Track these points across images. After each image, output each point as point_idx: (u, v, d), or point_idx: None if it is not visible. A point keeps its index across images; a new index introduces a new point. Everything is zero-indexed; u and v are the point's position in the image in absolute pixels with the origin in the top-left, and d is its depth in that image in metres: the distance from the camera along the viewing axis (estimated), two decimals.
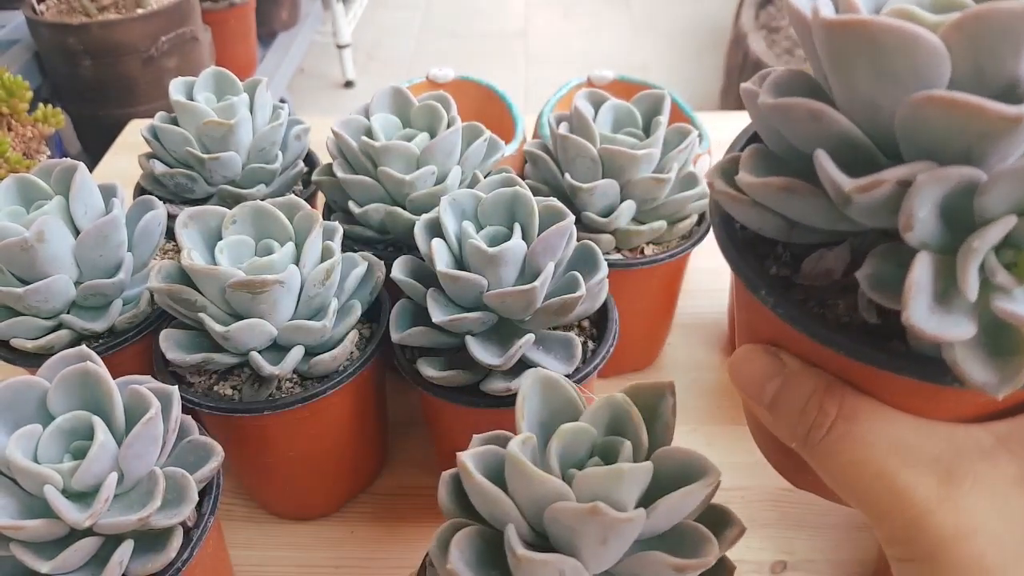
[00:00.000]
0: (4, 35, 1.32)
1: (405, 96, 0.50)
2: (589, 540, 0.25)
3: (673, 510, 0.27)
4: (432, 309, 0.39)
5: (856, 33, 0.19)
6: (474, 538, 0.28)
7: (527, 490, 0.26)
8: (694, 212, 0.51)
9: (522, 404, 0.29)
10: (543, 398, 0.30)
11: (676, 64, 2.42)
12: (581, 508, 0.25)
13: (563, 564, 0.25)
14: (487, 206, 0.40)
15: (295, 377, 0.42)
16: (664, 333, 0.60)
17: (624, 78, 0.68)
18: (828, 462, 0.23)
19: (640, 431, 0.28)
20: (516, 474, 0.26)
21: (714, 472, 0.27)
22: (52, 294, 0.42)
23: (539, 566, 0.25)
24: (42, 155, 0.90)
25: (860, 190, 0.19)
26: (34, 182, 0.44)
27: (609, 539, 0.25)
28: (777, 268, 0.25)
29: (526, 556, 0.25)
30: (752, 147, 0.24)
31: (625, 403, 0.29)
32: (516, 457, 0.26)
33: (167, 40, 1.29)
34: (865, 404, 0.23)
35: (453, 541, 0.27)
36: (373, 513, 0.50)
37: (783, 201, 0.22)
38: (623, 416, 0.29)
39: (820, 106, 0.20)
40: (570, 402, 0.30)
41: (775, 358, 0.25)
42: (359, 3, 2.49)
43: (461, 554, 0.27)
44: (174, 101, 0.52)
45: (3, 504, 0.31)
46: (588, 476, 0.26)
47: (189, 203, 0.54)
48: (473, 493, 0.28)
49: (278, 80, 1.92)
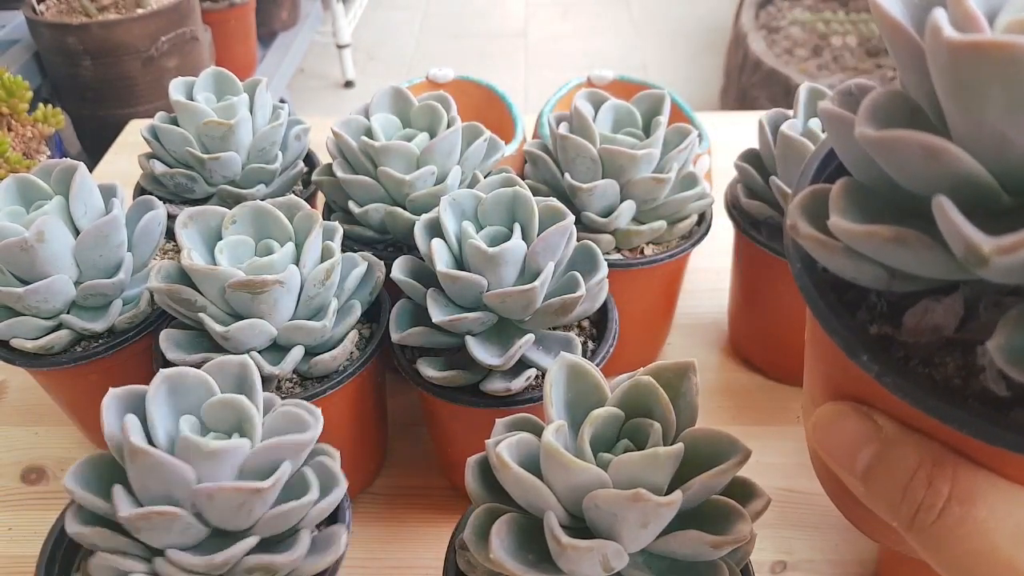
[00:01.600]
0: (4, 35, 1.32)
1: (405, 96, 0.50)
2: (630, 524, 0.26)
3: (706, 489, 0.27)
4: (432, 309, 0.39)
5: (991, 57, 0.16)
6: (512, 524, 0.28)
7: (565, 478, 0.27)
8: (694, 212, 0.51)
9: (550, 391, 0.30)
10: (569, 383, 0.31)
11: (676, 64, 2.42)
12: (623, 495, 0.25)
13: (606, 548, 0.26)
14: (487, 206, 0.40)
15: (295, 377, 0.42)
16: (664, 333, 0.60)
17: (624, 78, 0.68)
18: (941, 550, 0.20)
19: (668, 412, 0.29)
20: (554, 463, 0.27)
21: (744, 450, 0.27)
22: (52, 294, 0.42)
23: (584, 552, 0.26)
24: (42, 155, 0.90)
25: (1003, 251, 0.16)
26: (34, 182, 0.44)
27: (650, 523, 0.26)
28: (876, 324, 0.22)
29: (571, 544, 0.26)
30: (843, 183, 0.21)
31: (651, 385, 0.29)
32: (553, 447, 0.26)
33: (167, 40, 1.29)
34: (983, 481, 0.20)
35: (493, 530, 0.27)
36: (373, 513, 0.50)
37: (889, 252, 0.19)
38: (650, 397, 0.29)
39: (939, 143, 0.17)
40: (596, 387, 0.31)
41: (869, 421, 0.22)
42: (359, 3, 2.49)
43: (502, 542, 0.27)
44: (174, 101, 0.52)
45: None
46: (624, 462, 0.27)
47: (189, 203, 0.54)
48: (509, 483, 0.28)
49: (278, 80, 1.92)
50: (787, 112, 0.51)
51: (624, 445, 0.29)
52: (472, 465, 0.31)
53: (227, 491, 0.28)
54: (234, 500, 0.28)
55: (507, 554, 0.27)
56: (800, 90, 0.51)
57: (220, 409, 0.31)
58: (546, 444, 0.27)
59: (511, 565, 0.27)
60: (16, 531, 0.49)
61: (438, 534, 0.45)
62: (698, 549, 0.27)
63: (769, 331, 0.57)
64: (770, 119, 0.51)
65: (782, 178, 0.49)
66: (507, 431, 0.30)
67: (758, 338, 0.58)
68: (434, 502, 0.50)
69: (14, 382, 0.59)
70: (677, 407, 0.29)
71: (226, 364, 0.33)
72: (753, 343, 0.59)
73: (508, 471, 0.27)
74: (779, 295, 0.53)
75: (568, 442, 0.29)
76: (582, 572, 0.27)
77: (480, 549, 0.28)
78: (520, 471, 0.27)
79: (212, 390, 0.31)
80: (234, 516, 0.29)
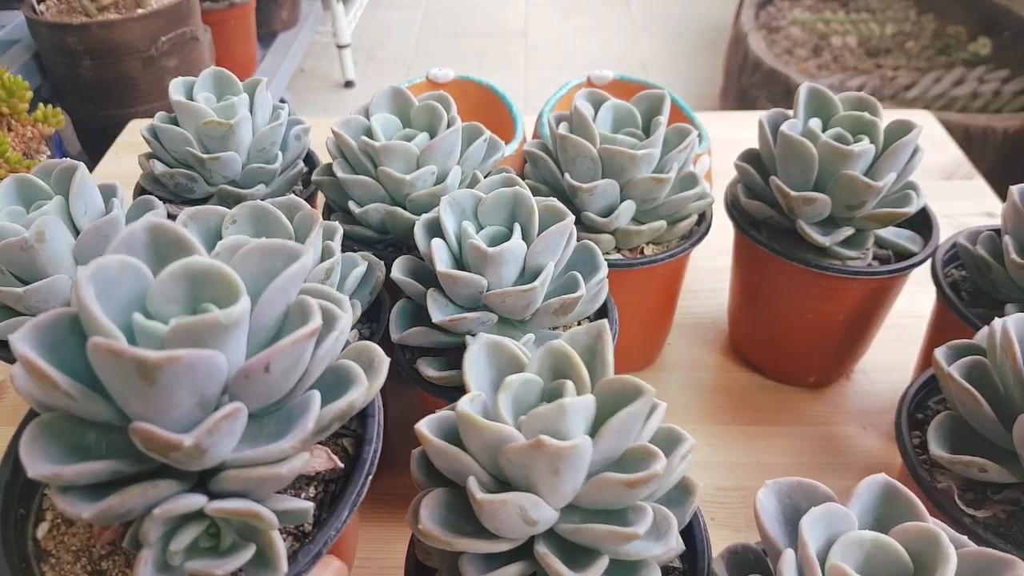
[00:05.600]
0: (4, 35, 1.32)
1: (405, 96, 0.50)
2: (541, 473, 0.27)
3: (619, 434, 0.28)
4: (432, 309, 0.39)
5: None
6: (441, 497, 0.30)
7: (480, 440, 0.28)
8: (694, 212, 0.51)
9: (470, 366, 0.31)
10: (489, 359, 0.32)
11: (676, 64, 2.42)
12: (527, 444, 0.26)
13: (522, 500, 0.27)
14: (487, 206, 0.40)
15: None
16: (664, 333, 0.60)
17: (624, 78, 0.68)
18: None
19: (580, 370, 0.30)
20: (468, 427, 0.28)
21: (648, 391, 0.28)
22: (52, 294, 0.42)
23: (499, 506, 0.27)
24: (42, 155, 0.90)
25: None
26: (34, 182, 0.44)
27: (560, 469, 0.27)
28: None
29: (485, 499, 0.27)
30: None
31: (563, 348, 0.31)
32: (465, 412, 0.28)
33: (167, 40, 1.28)
34: None
35: (422, 503, 0.29)
36: (373, 513, 0.50)
37: None
38: (563, 361, 0.31)
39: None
40: (514, 358, 0.32)
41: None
42: (359, 3, 2.49)
43: (431, 514, 0.29)
44: (174, 101, 0.52)
45: None
46: (533, 416, 0.28)
47: (189, 203, 0.54)
48: (434, 455, 0.29)
49: (278, 80, 1.92)
50: (787, 112, 0.51)
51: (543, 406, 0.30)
52: (416, 455, 0.32)
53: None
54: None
55: (435, 524, 0.28)
56: (800, 90, 0.51)
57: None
58: (460, 411, 0.28)
59: (438, 532, 0.28)
60: None
61: None
62: (616, 492, 0.28)
63: (769, 331, 0.57)
64: (770, 119, 0.51)
65: (782, 178, 0.49)
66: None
67: (758, 338, 0.58)
68: None
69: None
70: (592, 367, 0.31)
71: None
72: (753, 343, 0.59)
73: (430, 445, 0.28)
74: (779, 295, 0.53)
75: (488, 411, 0.30)
76: (505, 528, 0.28)
77: (414, 525, 0.29)
78: (440, 442, 0.28)
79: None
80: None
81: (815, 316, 0.53)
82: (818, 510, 0.28)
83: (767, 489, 0.29)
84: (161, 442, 0.23)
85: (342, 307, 0.28)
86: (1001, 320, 0.36)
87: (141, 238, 0.26)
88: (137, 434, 0.23)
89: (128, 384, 0.23)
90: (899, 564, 0.27)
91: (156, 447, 0.23)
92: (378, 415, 0.31)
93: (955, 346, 0.39)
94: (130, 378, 0.22)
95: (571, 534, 0.28)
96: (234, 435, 0.25)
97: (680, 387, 0.58)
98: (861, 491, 0.29)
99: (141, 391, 0.23)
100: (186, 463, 0.24)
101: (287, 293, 0.26)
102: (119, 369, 0.22)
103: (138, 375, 0.22)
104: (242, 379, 0.24)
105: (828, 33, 1.96)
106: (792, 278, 0.51)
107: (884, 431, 0.54)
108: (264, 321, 0.26)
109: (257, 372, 0.24)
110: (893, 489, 0.30)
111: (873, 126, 0.48)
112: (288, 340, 0.24)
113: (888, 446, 0.53)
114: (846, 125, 0.49)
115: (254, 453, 0.25)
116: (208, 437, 0.23)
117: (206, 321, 0.23)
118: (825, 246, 0.49)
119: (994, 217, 0.74)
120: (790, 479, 0.30)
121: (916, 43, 1.87)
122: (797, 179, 0.48)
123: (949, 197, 0.76)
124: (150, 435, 0.23)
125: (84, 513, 0.24)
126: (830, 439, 0.54)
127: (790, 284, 0.52)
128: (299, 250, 0.27)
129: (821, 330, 0.53)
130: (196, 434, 0.23)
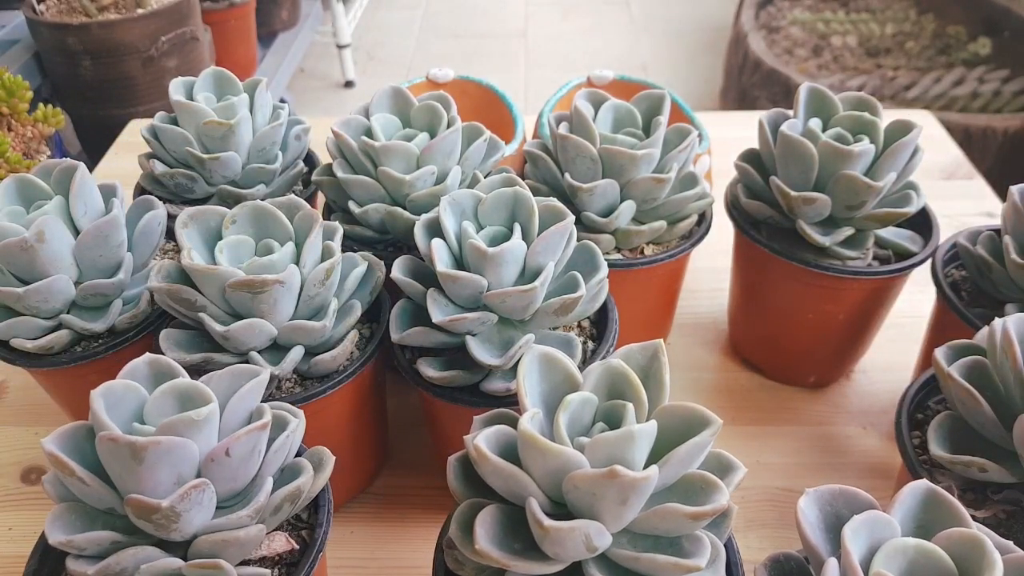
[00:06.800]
0: (4, 35, 1.32)
1: (405, 96, 0.50)
2: (609, 502, 0.26)
3: (682, 462, 0.28)
4: (432, 309, 0.39)
5: None
6: (495, 515, 0.29)
7: (543, 463, 0.27)
8: (694, 212, 0.51)
9: (523, 380, 0.30)
10: (542, 373, 0.31)
11: (676, 64, 2.42)
12: (599, 473, 0.26)
13: (588, 528, 0.26)
14: (487, 206, 0.40)
15: (295, 377, 0.42)
16: (664, 333, 0.60)
17: (624, 78, 0.68)
18: None
19: (639, 392, 0.30)
20: (531, 449, 0.27)
21: (716, 422, 0.28)
22: (52, 294, 0.42)
23: (566, 533, 0.26)
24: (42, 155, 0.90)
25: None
26: (34, 182, 0.44)
27: (629, 499, 0.26)
28: None
29: (553, 526, 0.26)
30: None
31: (621, 367, 0.30)
32: (529, 433, 0.27)
33: (167, 40, 1.28)
34: None
35: (477, 521, 0.28)
36: (373, 513, 0.50)
37: None
38: (621, 380, 0.30)
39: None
40: (569, 375, 0.31)
41: None
42: (359, 3, 2.49)
43: (486, 532, 0.28)
44: (174, 101, 0.52)
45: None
46: (600, 442, 0.27)
47: (189, 203, 0.54)
48: (489, 474, 0.28)
49: (278, 80, 1.92)
50: (787, 112, 0.51)
51: (600, 428, 0.30)
52: (453, 464, 0.31)
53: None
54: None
55: (492, 544, 0.28)
56: (800, 90, 0.51)
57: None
58: (522, 431, 0.27)
59: (497, 554, 0.27)
60: (16, 531, 0.49)
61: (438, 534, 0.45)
62: (678, 523, 0.28)
63: (769, 331, 0.57)
64: (770, 119, 0.51)
65: (782, 178, 0.49)
66: (484, 426, 0.31)
67: (758, 338, 0.58)
68: (434, 502, 0.50)
69: (14, 382, 0.59)
70: (648, 387, 0.30)
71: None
72: (753, 343, 0.59)
73: (487, 462, 0.28)
74: (779, 295, 0.53)
75: (545, 429, 0.29)
76: (567, 554, 0.27)
77: (466, 543, 0.28)
78: (499, 460, 0.27)
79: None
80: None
81: (815, 316, 0.53)
82: (860, 517, 0.27)
83: (808, 497, 0.29)
84: (145, 507, 0.29)
85: (295, 415, 0.35)
86: (1001, 320, 0.36)
87: (143, 370, 0.33)
88: (129, 504, 0.29)
89: (123, 465, 0.29)
90: (944, 571, 0.27)
91: (142, 512, 0.29)
92: (328, 505, 0.36)
93: (955, 346, 0.39)
94: (124, 459, 0.29)
95: (628, 561, 0.28)
96: (203, 507, 0.30)
97: (680, 387, 0.58)
98: (904, 497, 0.29)
99: (132, 469, 0.29)
100: (165, 526, 0.30)
101: (248, 400, 0.33)
102: (116, 453, 0.29)
103: (130, 455, 0.29)
104: (209, 463, 0.31)
105: (828, 33, 1.96)
106: (792, 278, 0.51)
107: (884, 431, 0.54)
108: (231, 422, 0.32)
109: (220, 456, 0.31)
110: (935, 495, 0.29)
111: (873, 126, 0.48)
112: (243, 430, 0.31)
113: (888, 446, 0.53)
114: (846, 125, 0.49)
115: (219, 522, 0.31)
116: (181, 502, 0.29)
117: (183, 419, 0.30)
118: (825, 246, 0.49)
119: (994, 217, 0.74)
120: (831, 486, 0.29)
121: (916, 43, 1.87)
122: (797, 179, 0.48)
123: (949, 197, 0.76)
124: (138, 502, 0.29)
125: (89, 571, 0.30)
126: (830, 439, 0.54)
127: (790, 284, 0.52)
128: (258, 371, 0.34)
129: (821, 330, 0.53)
130: (171, 499, 0.29)
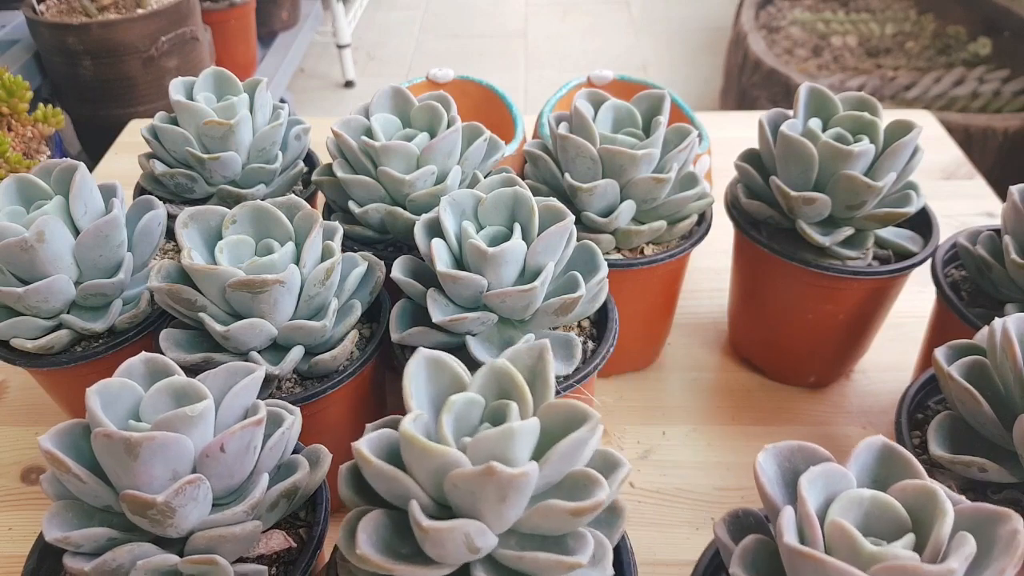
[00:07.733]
0: (4, 35, 1.32)
1: (405, 96, 0.50)
2: (489, 501, 0.26)
3: (564, 459, 0.27)
4: (432, 309, 0.39)
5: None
6: (379, 520, 0.29)
7: (424, 464, 0.27)
8: (694, 212, 0.51)
9: (409, 383, 0.30)
10: (429, 376, 0.31)
11: (676, 64, 2.42)
12: (477, 471, 0.25)
13: (467, 527, 0.26)
14: (487, 206, 0.40)
15: (295, 377, 0.42)
16: (664, 333, 0.60)
17: (624, 78, 0.68)
18: None
19: (524, 391, 0.29)
20: (412, 450, 0.27)
21: (594, 417, 0.28)
22: (52, 294, 0.42)
23: (445, 534, 0.26)
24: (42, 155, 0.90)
25: None
26: (34, 182, 0.44)
27: (508, 496, 0.26)
28: None
29: (432, 527, 0.26)
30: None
31: (506, 367, 0.30)
32: (410, 433, 0.27)
33: (167, 40, 1.28)
34: None
35: (360, 526, 0.28)
36: None
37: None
38: (506, 381, 0.30)
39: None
40: (456, 377, 0.31)
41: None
42: (359, 3, 2.49)
43: (368, 537, 0.28)
44: (174, 101, 0.52)
45: None
46: (480, 440, 0.27)
47: (189, 203, 0.54)
48: (373, 477, 0.28)
49: (278, 80, 1.91)
50: (787, 112, 0.51)
51: (485, 428, 0.29)
52: (343, 472, 0.31)
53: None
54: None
55: (374, 549, 0.27)
56: (800, 90, 0.51)
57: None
58: (404, 432, 0.27)
59: (378, 559, 0.27)
60: (16, 531, 0.49)
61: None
62: (560, 520, 0.27)
63: (769, 331, 0.57)
64: (770, 119, 0.51)
65: (782, 178, 0.49)
66: (374, 431, 0.30)
67: (758, 338, 0.58)
68: None
69: (14, 382, 0.59)
70: (534, 387, 0.30)
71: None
72: (753, 343, 0.59)
73: (371, 466, 0.27)
74: (779, 295, 0.53)
75: (430, 431, 0.29)
76: (450, 556, 0.27)
77: (350, 550, 0.28)
78: (381, 464, 0.27)
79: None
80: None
81: (815, 316, 0.53)
82: (817, 469, 0.28)
83: (766, 453, 0.29)
84: (140, 502, 0.29)
85: (290, 412, 0.35)
86: (1001, 320, 0.36)
87: (139, 368, 0.33)
88: (125, 500, 0.29)
89: (118, 460, 0.29)
90: (898, 521, 0.27)
91: (137, 507, 0.29)
92: (326, 503, 0.36)
93: (955, 346, 0.39)
94: (119, 455, 0.29)
95: (512, 561, 0.28)
96: (198, 503, 0.30)
97: (680, 387, 0.58)
98: (859, 452, 0.30)
99: (128, 466, 0.29)
100: (161, 522, 0.30)
101: (243, 397, 0.33)
102: (112, 449, 0.29)
103: (124, 451, 0.29)
104: (204, 459, 0.31)
105: (828, 33, 1.96)
106: (792, 278, 0.51)
107: (884, 431, 0.54)
108: (227, 419, 0.32)
109: (215, 452, 0.30)
110: (891, 450, 0.30)
111: (873, 126, 0.48)
112: (238, 426, 0.31)
113: None
114: (846, 125, 0.49)
115: (215, 518, 0.31)
116: (176, 498, 0.29)
117: (177, 415, 0.30)
118: (825, 246, 0.49)
119: (994, 217, 0.74)
120: (789, 443, 0.30)
121: (916, 43, 1.87)
122: (797, 179, 0.48)
123: (949, 197, 0.76)
124: (133, 497, 0.29)
125: (86, 567, 0.30)
126: (830, 439, 0.54)
127: (790, 284, 0.52)
128: (253, 368, 0.34)
129: (821, 330, 0.53)
130: (166, 494, 0.29)
